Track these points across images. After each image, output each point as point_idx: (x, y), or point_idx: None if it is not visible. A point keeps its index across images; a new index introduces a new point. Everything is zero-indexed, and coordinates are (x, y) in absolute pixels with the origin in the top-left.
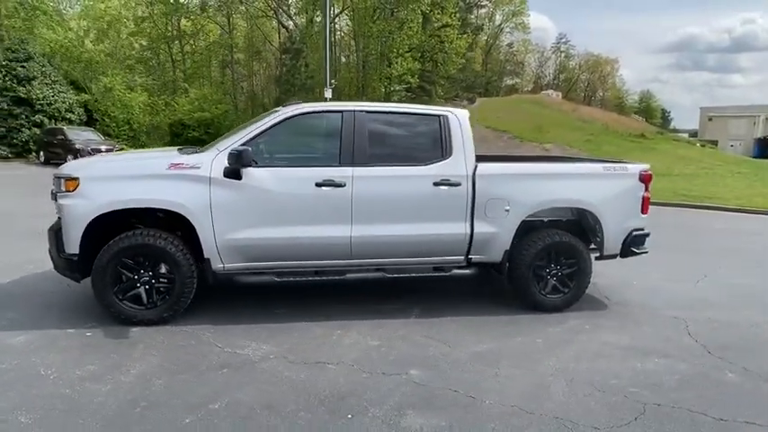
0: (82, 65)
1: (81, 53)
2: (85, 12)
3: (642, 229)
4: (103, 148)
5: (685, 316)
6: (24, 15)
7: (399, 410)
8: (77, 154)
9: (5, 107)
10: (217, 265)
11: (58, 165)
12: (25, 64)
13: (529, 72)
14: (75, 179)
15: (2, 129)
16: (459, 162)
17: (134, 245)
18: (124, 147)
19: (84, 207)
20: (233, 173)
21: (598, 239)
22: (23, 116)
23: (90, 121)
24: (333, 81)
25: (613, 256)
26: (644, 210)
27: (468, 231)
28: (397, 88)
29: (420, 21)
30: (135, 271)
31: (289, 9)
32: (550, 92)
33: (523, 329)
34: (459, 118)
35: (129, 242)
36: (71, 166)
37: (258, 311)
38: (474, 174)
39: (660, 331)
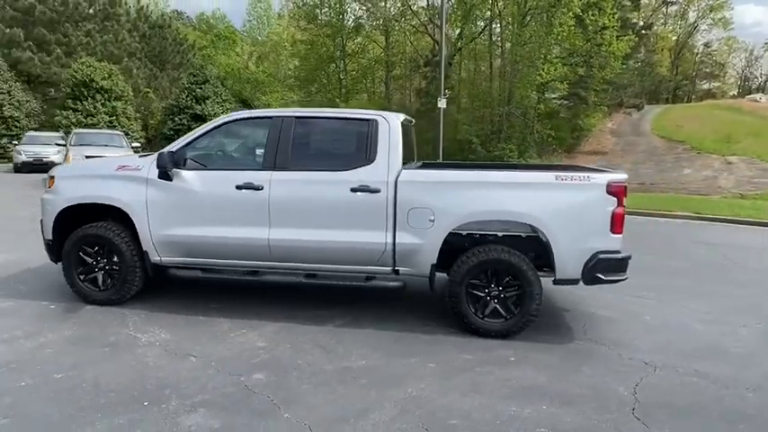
0: (250, 85)
1: (247, 75)
2: (270, 38)
3: (615, 252)
4: None
5: (663, 364)
6: (216, 45)
7: (194, 407)
8: None
9: (185, 123)
10: (154, 257)
11: None
12: (202, 86)
13: (732, 74)
14: (53, 178)
15: None
16: (381, 168)
17: (88, 234)
18: None
19: (54, 201)
20: (163, 174)
21: (552, 260)
22: None
23: None
24: (447, 91)
25: (574, 282)
26: (615, 228)
27: (390, 241)
28: (549, 96)
29: (571, 23)
30: (93, 257)
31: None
32: (759, 96)
33: (430, 350)
34: (389, 123)
35: (84, 232)
36: (55, 168)
37: (197, 305)
38: (396, 181)
39: (599, 377)
